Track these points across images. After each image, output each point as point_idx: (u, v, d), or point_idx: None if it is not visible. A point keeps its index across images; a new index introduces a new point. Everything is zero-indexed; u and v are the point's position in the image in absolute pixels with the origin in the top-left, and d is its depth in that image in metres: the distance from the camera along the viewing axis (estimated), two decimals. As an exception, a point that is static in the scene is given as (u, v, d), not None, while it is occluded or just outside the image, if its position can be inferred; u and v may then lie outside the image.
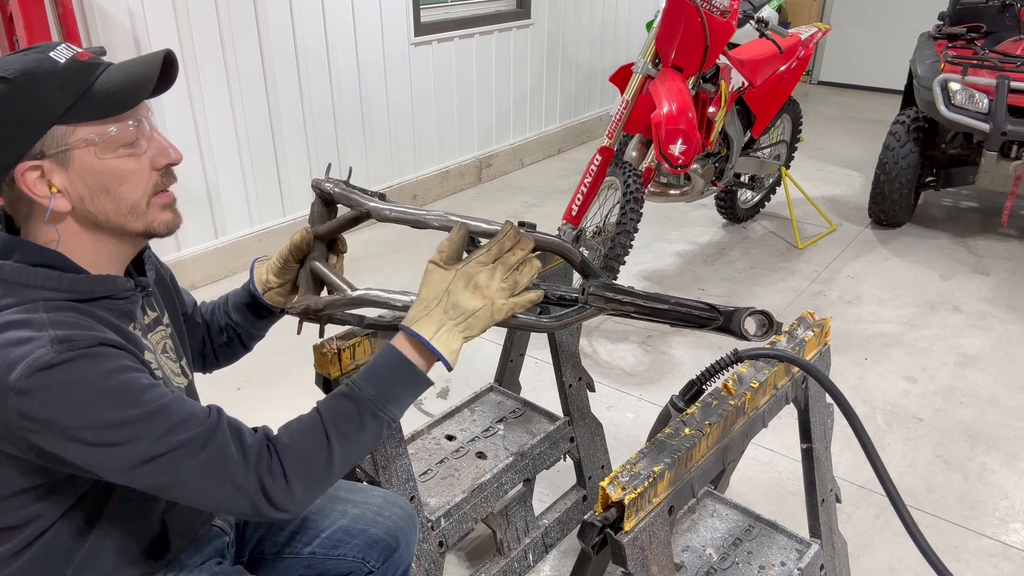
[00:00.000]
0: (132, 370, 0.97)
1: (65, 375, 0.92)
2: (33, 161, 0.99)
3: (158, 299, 1.23)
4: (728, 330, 1.39)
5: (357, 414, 1.07)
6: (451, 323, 1.10)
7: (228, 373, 1.50)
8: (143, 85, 1.04)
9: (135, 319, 1.11)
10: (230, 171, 3.69)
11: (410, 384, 1.10)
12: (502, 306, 1.12)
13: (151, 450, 0.95)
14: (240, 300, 1.43)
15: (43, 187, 1.00)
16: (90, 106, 1.00)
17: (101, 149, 1.02)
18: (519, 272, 1.14)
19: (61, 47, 1.02)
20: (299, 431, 1.05)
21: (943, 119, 3.91)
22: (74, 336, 0.94)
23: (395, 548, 1.41)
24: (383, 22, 4.21)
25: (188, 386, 1.24)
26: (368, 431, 1.08)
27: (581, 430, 2.07)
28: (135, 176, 1.05)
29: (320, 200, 1.39)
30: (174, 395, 0.99)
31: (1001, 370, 3.06)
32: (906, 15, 7.29)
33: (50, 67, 0.99)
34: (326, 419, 1.06)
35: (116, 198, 1.04)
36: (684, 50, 3.10)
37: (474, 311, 1.11)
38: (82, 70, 1.01)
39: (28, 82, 0.97)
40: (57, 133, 0.99)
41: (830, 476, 1.69)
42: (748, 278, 3.84)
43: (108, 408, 0.93)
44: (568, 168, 5.55)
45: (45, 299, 0.99)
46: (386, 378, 1.09)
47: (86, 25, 3.01)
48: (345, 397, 1.08)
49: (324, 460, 1.04)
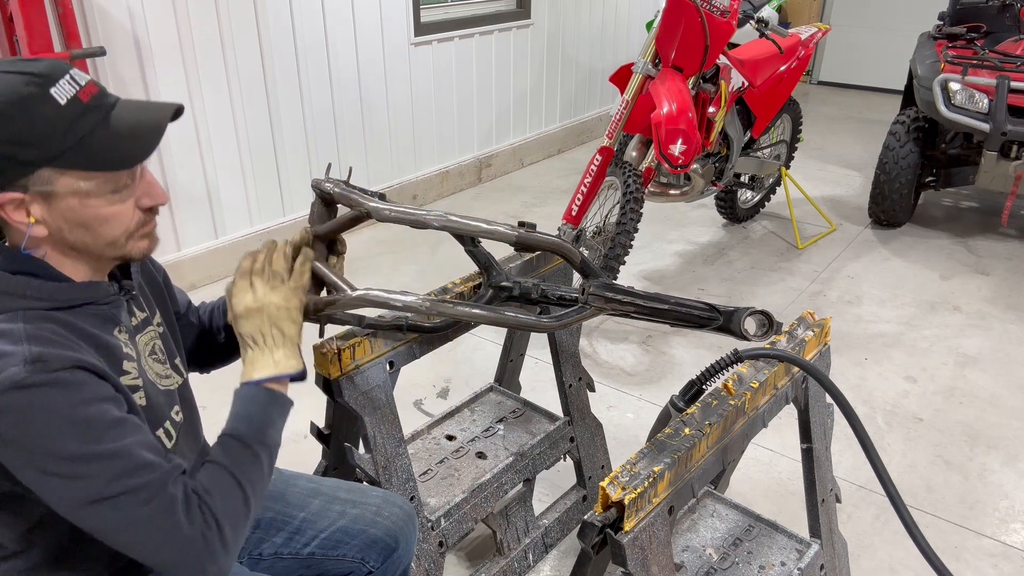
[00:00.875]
0: (101, 400, 0.96)
1: (33, 398, 0.90)
2: (14, 193, 0.96)
3: (148, 299, 1.23)
4: (728, 330, 1.39)
5: (246, 447, 1.10)
6: (258, 350, 1.18)
7: (228, 373, 1.50)
8: (143, 145, 1.02)
9: (120, 323, 1.10)
10: (230, 171, 3.69)
11: (276, 406, 1.17)
12: (284, 295, 1.20)
13: (102, 490, 0.94)
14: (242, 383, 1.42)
15: (21, 215, 0.98)
16: (84, 156, 0.97)
17: (88, 196, 0.99)
18: (270, 264, 1.22)
19: (64, 80, 0.97)
20: (211, 479, 1.05)
21: (943, 119, 3.91)
22: (48, 356, 0.92)
23: (394, 548, 1.41)
24: (383, 22, 4.21)
25: (182, 385, 1.24)
26: (264, 464, 1.11)
27: (581, 430, 2.07)
28: (118, 218, 1.03)
29: (320, 200, 1.39)
30: (136, 437, 0.98)
31: (1001, 370, 3.06)
32: (906, 15, 7.29)
33: (50, 107, 0.95)
34: (225, 464, 1.07)
35: (96, 235, 1.02)
36: (684, 50, 3.10)
37: (267, 322, 1.19)
38: (82, 116, 0.97)
39: (23, 119, 0.94)
40: (44, 175, 0.96)
41: (830, 476, 1.69)
42: (748, 278, 3.84)
43: (69, 440, 0.92)
44: (568, 168, 5.55)
45: (25, 308, 0.97)
46: (254, 412, 1.14)
47: (86, 25, 3.01)
48: (230, 440, 1.10)
49: (242, 499, 1.05)
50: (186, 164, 3.48)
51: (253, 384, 1.16)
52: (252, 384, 1.16)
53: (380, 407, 1.55)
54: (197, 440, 1.27)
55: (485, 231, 1.31)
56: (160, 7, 3.21)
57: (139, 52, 3.19)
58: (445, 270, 3.82)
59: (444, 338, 1.65)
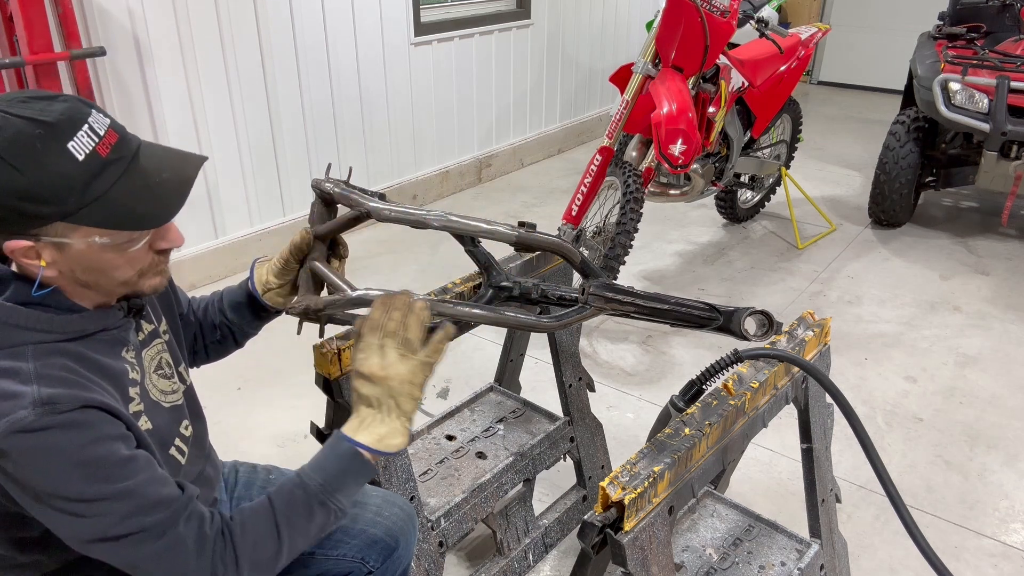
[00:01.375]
0: (111, 439, 0.95)
1: (43, 442, 0.90)
2: (25, 241, 0.94)
3: (155, 308, 1.22)
4: (728, 330, 1.39)
5: (306, 503, 1.07)
6: (371, 412, 1.12)
7: (228, 373, 1.50)
8: (167, 206, 0.99)
9: (128, 343, 1.09)
10: (230, 171, 3.69)
11: (358, 475, 1.12)
12: (412, 369, 1.11)
13: (113, 529, 0.94)
14: (237, 299, 1.42)
15: (32, 258, 0.96)
16: (102, 214, 0.94)
17: (101, 249, 0.97)
18: (406, 329, 1.12)
19: (83, 132, 0.92)
20: (252, 520, 1.04)
21: (943, 119, 3.91)
22: (58, 397, 0.91)
23: (394, 548, 1.41)
24: (383, 22, 4.21)
25: (187, 391, 1.23)
26: (316, 519, 1.08)
27: (581, 430, 2.07)
28: (131, 262, 1.02)
29: (320, 200, 1.39)
30: (147, 474, 0.97)
31: (1001, 370, 3.06)
32: (906, 15, 7.29)
33: (67, 163, 0.91)
34: (277, 509, 1.06)
35: (108, 278, 1.01)
36: (684, 50, 3.10)
37: (386, 392, 1.11)
38: (102, 171, 0.93)
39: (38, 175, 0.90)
40: (59, 227, 0.94)
41: (830, 476, 1.69)
42: (748, 278, 3.84)
43: (79, 481, 0.92)
44: (568, 168, 5.55)
45: (35, 342, 0.96)
46: (334, 469, 1.10)
47: (86, 25, 3.01)
48: (295, 486, 1.08)
49: (274, 550, 1.05)
50: (186, 164, 3.48)
51: (351, 442, 1.11)
52: (350, 441, 1.11)
53: (380, 407, 1.54)
54: (202, 448, 1.26)
55: (485, 231, 1.31)
56: (160, 7, 3.21)
57: (139, 52, 3.19)
58: (445, 270, 3.82)
59: (444, 338, 1.65)
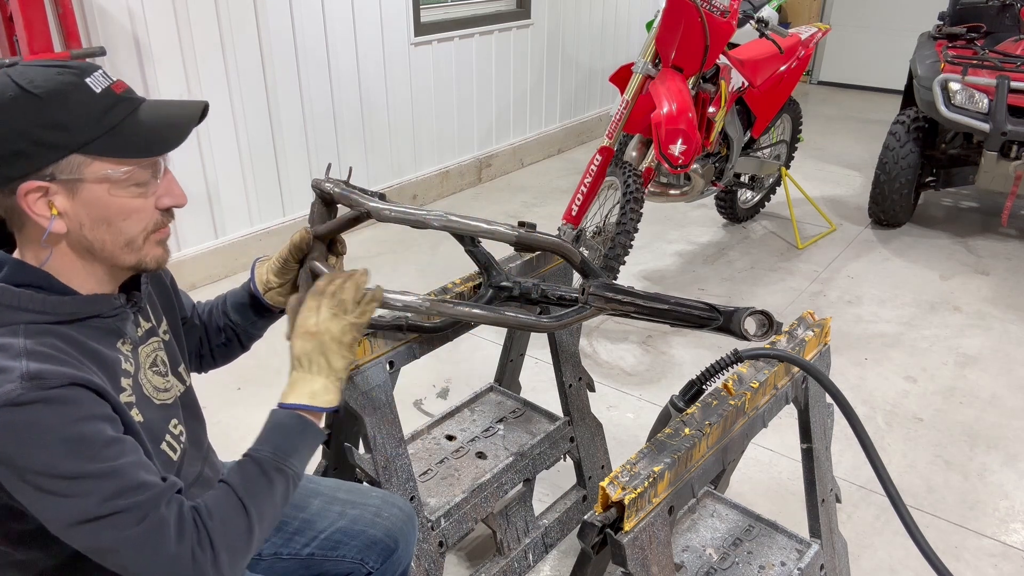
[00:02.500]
0: (99, 419, 0.95)
1: (27, 416, 0.90)
2: (41, 182, 0.96)
3: (155, 307, 1.22)
4: (728, 330, 1.40)
5: (263, 473, 1.08)
6: (301, 372, 1.15)
7: (228, 373, 1.50)
8: (175, 135, 1.04)
9: (124, 335, 1.09)
10: (230, 171, 3.69)
11: (304, 435, 1.13)
12: (342, 327, 1.16)
13: (94, 510, 0.93)
14: (239, 300, 1.42)
15: (43, 207, 0.97)
16: (116, 143, 0.98)
17: (114, 186, 1.00)
18: (341, 291, 1.18)
19: (98, 73, 1.00)
20: (216, 502, 1.04)
21: (943, 119, 3.91)
22: (46, 373, 0.92)
23: (394, 549, 1.41)
24: (383, 22, 4.21)
25: (184, 393, 1.23)
26: (277, 487, 1.09)
27: (581, 430, 2.07)
28: (139, 213, 1.04)
29: (320, 200, 1.39)
30: (132, 458, 0.97)
31: (1001, 370, 3.06)
32: (906, 15, 7.29)
33: (85, 94, 0.97)
34: (236, 486, 1.06)
35: (115, 231, 1.02)
36: (684, 50, 3.10)
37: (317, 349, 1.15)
38: (115, 104, 0.99)
39: (58, 104, 0.95)
40: (74, 161, 0.97)
41: (830, 476, 1.69)
42: (748, 278, 3.84)
43: (64, 458, 0.92)
44: (568, 168, 5.55)
45: (27, 322, 0.96)
46: (279, 436, 1.12)
47: (86, 25, 3.01)
48: (247, 463, 1.09)
49: (245, 526, 1.05)
50: (186, 164, 3.48)
51: (286, 409, 1.14)
52: (285, 409, 1.14)
53: (380, 407, 1.55)
54: (200, 448, 1.26)
55: (485, 231, 1.31)
56: (160, 7, 3.21)
57: (139, 52, 3.19)
58: (445, 270, 3.82)
59: (444, 338, 1.65)
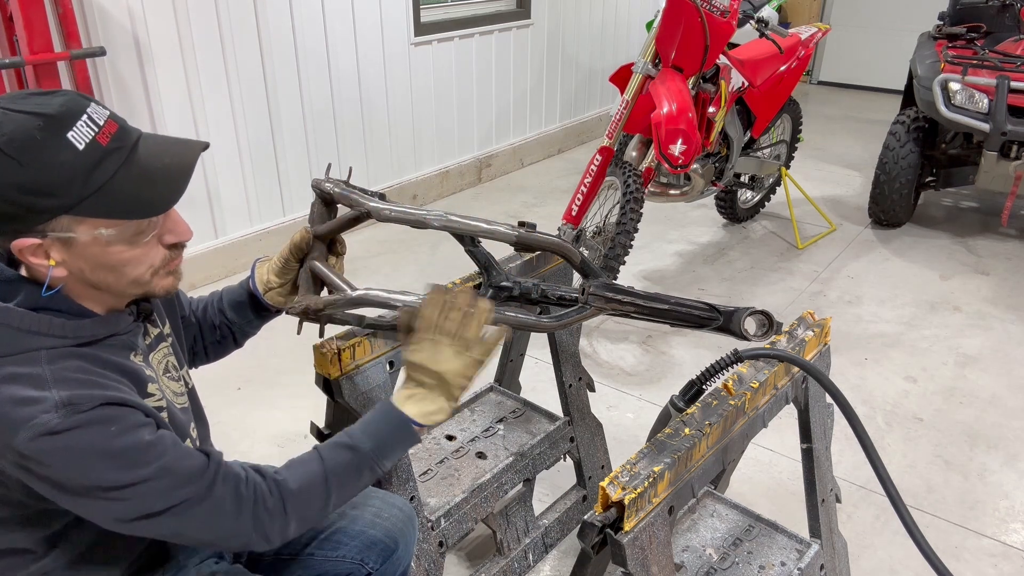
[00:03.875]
0: (136, 427, 0.96)
1: (71, 441, 0.91)
2: (33, 239, 0.93)
3: (159, 311, 1.22)
4: (728, 330, 1.40)
5: (357, 467, 1.12)
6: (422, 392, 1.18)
7: (228, 373, 1.50)
8: (170, 192, 0.98)
9: (136, 348, 1.09)
10: (230, 171, 3.69)
11: (405, 443, 1.18)
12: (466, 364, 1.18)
13: (154, 506, 0.96)
14: (237, 298, 1.41)
15: (40, 258, 0.95)
16: (104, 205, 0.93)
17: (108, 243, 0.97)
18: (464, 328, 1.17)
19: (82, 122, 0.92)
20: (303, 476, 1.08)
21: (943, 119, 3.91)
22: (77, 398, 0.92)
23: (394, 549, 1.41)
24: (383, 22, 4.21)
25: (190, 393, 1.23)
26: (363, 481, 1.14)
27: (581, 430, 2.07)
28: (141, 258, 1.01)
29: (320, 200, 1.39)
30: (175, 452, 0.99)
31: (1001, 370, 3.06)
32: (906, 15, 7.29)
33: (67, 153, 0.90)
34: (329, 469, 1.09)
35: (118, 275, 1.00)
36: (684, 50, 3.10)
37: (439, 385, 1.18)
38: (102, 161, 0.92)
39: (39, 167, 0.89)
40: (63, 222, 0.93)
41: (830, 476, 1.69)
42: (748, 278, 3.84)
43: (112, 471, 0.93)
44: (568, 168, 5.55)
45: (48, 347, 0.95)
46: (385, 436, 1.15)
47: (86, 25, 3.01)
48: (347, 449, 1.12)
49: (322, 505, 1.09)
50: (186, 164, 3.48)
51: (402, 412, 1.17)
52: (401, 412, 1.17)
53: (380, 407, 1.55)
54: None
55: (485, 231, 1.31)
56: (160, 7, 3.21)
57: (139, 52, 3.19)
58: (445, 270, 3.82)
59: (444, 338, 1.65)
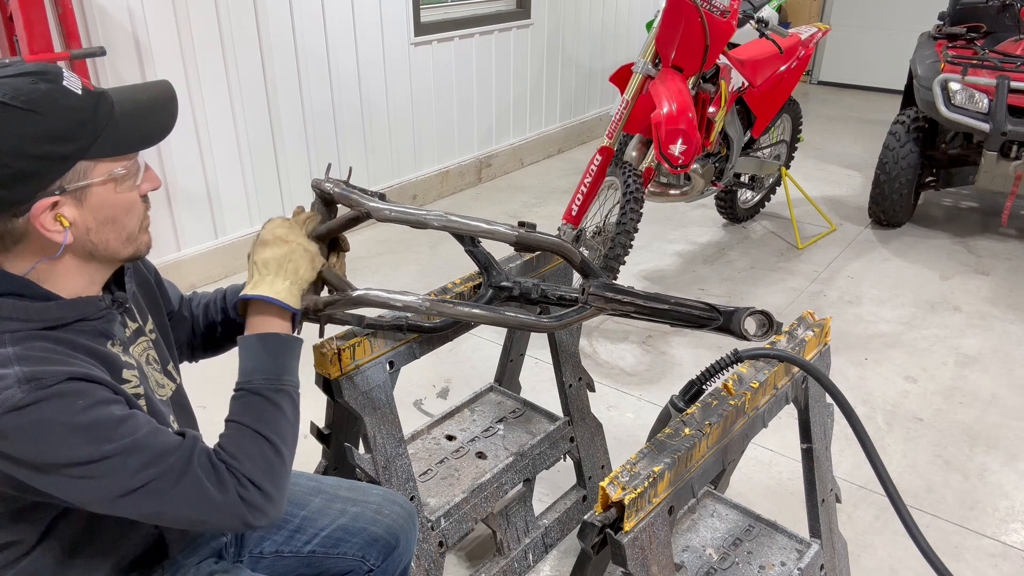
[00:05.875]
0: (105, 403, 0.96)
1: (36, 415, 0.90)
2: (53, 197, 0.95)
3: (141, 307, 1.22)
4: (728, 330, 1.40)
5: (266, 400, 1.10)
6: (265, 274, 1.19)
7: (228, 373, 1.50)
8: (166, 118, 1.05)
9: (113, 336, 1.09)
10: (230, 171, 3.69)
11: (285, 349, 1.16)
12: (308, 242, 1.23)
13: (128, 483, 0.95)
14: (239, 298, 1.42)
15: (53, 222, 0.97)
16: (114, 141, 0.99)
17: (119, 183, 1.01)
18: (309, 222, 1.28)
19: (66, 74, 0.98)
20: (235, 442, 1.06)
21: (943, 119, 3.91)
22: (41, 373, 0.92)
23: (395, 546, 1.41)
24: (383, 22, 4.21)
25: (176, 390, 1.23)
26: (284, 407, 1.11)
27: (581, 430, 2.07)
28: (136, 205, 1.06)
29: (320, 200, 1.39)
30: (148, 428, 0.99)
31: (1001, 370, 3.06)
32: (906, 15, 7.29)
33: (71, 98, 0.95)
34: (246, 422, 1.08)
35: (119, 228, 1.04)
36: (684, 50, 3.10)
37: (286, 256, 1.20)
38: (99, 102, 0.98)
39: (53, 113, 0.93)
40: (80, 168, 0.96)
41: (830, 476, 1.69)
42: (748, 278, 3.84)
43: (82, 445, 0.93)
44: (568, 168, 5.55)
45: (12, 331, 0.96)
46: (263, 359, 1.13)
47: (86, 25, 3.01)
48: (248, 396, 1.11)
49: (272, 452, 1.07)
50: (186, 164, 3.48)
51: (256, 336, 1.15)
52: (256, 336, 1.15)
53: (380, 407, 1.55)
54: None
55: (485, 231, 1.31)
56: (160, 7, 3.21)
57: (139, 52, 3.19)
58: (445, 270, 3.82)
59: (444, 338, 1.65)
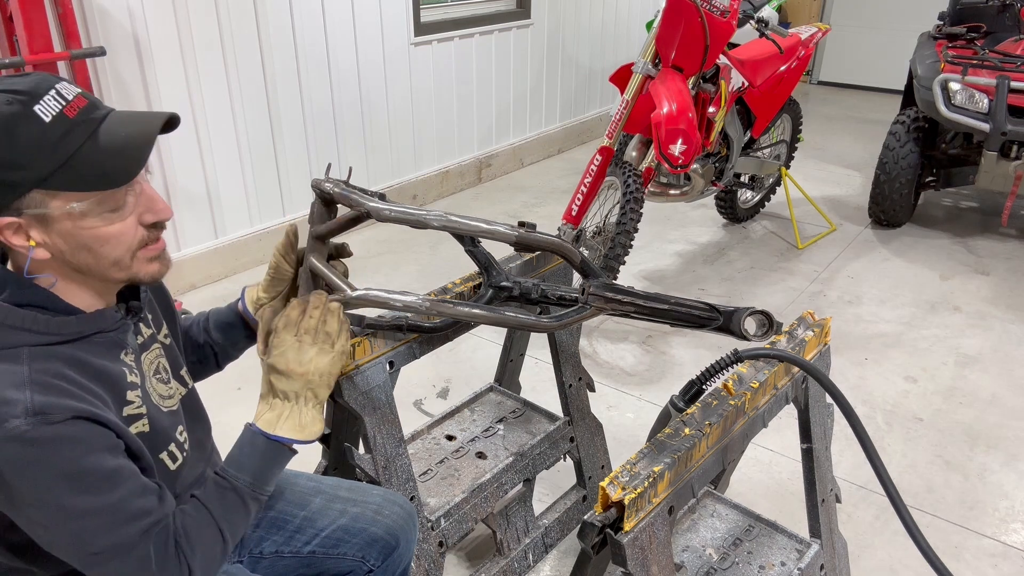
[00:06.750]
0: (99, 451, 0.96)
1: (32, 452, 0.91)
2: (9, 218, 0.94)
3: (155, 312, 1.22)
4: (728, 330, 1.40)
5: (242, 503, 1.12)
6: (288, 405, 1.16)
7: (228, 373, 1.50)
8: (132, 161, 0.97)
9: (126, 346, 1.09)
10: (230, 171, 3.69)
11: (281, 463, 1.17)
12: (331, 360, 1.18)
13: (87, 544, 0.96)
14: (225, 319, 1.41)
15: (21, 239, 0.96)
16: (72, 177, 0.94)
17: (84, 218, 0.97)
18: (325, 324, 1.18)
19: (50, 96, 0.93)
20: (199, 529, 1.07)
21: (943, 119, 3.91)
22: (50, 407, 0.92)
23: (395, 547, 1.41)
24: (383, 22, 4.21)
25: (186, 396, 1.23)
26: (251, 513, 1.14)
27: (581, 430, 2.07)
28: (119, 237, 1.00)
29: (320, 200, 1.39)
30: (126, 489, 0.98)
31: (1001, 370, 3.06)
32: (906, 15, 7.29)
33: (34, 125, 0.91)
34: (217, 515, 1.09)
35: (97, 255, 1.00)
36: (684, 50, 3.10)
37: (305, 386, 1.16)
38: (68, 133, 0.93)
39: (6, 140, 0.91)
40: (35, 197, 0.94)
41: (830, 476, 1.69)
42: (748, 278, 3.84)
43: (63, 493, 0.93)
44: (568, 168, 5.55)
45: (31, 344, 0.95)
46: (259, 466, 1.14)
47: (86, 25, 3.01)
48: (228, 490, 1.12)
49: (221, 550, 1.09)
50: (186, 164, 3.48)
51: (273, 438, 1.15)
52: (268, 437, 1.15)
53: (380, 407, 1.55)
54: (203, 450, 1.27)
55: (485, 231, 1.31)
56: (160, 7, 3.21)
57: (139, 52, 3.19)
58: (445, 270, 3.82)
59: (444, 338, 1.65)
